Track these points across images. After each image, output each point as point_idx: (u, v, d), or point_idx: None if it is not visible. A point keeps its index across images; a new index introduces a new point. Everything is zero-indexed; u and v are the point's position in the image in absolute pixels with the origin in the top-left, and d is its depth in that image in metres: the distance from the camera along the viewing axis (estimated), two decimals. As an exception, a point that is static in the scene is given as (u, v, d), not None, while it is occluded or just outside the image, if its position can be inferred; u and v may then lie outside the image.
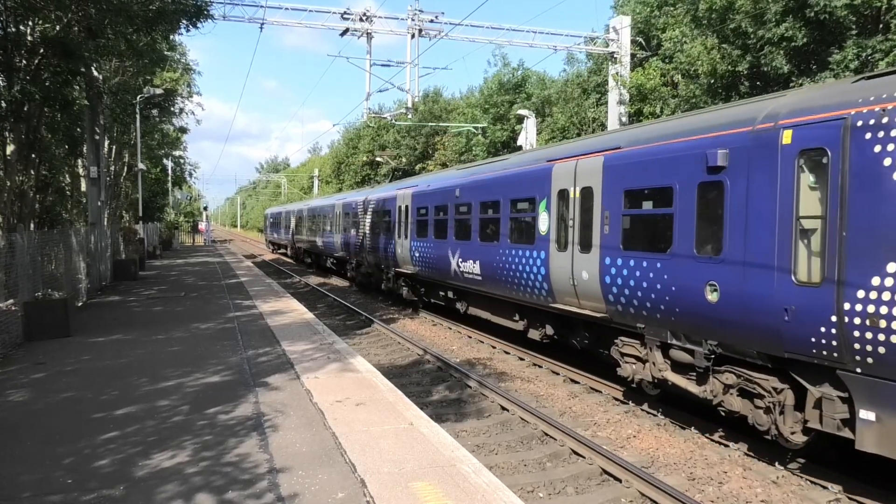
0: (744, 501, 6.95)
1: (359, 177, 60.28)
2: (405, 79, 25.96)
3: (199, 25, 16.43)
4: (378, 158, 53.96)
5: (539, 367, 12.91)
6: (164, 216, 54.51)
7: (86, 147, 21.73)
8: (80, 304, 16.16)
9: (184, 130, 44.83)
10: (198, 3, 15.96)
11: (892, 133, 6.08)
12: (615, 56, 26.31)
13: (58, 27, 15.69)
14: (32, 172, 17.87)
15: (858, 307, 6.22)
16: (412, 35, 24.67)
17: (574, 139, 14.77)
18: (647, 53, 27.14)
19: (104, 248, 21.43)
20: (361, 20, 24.24)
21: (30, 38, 15.74)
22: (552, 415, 9.78)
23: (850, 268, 6.31)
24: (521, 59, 69.47)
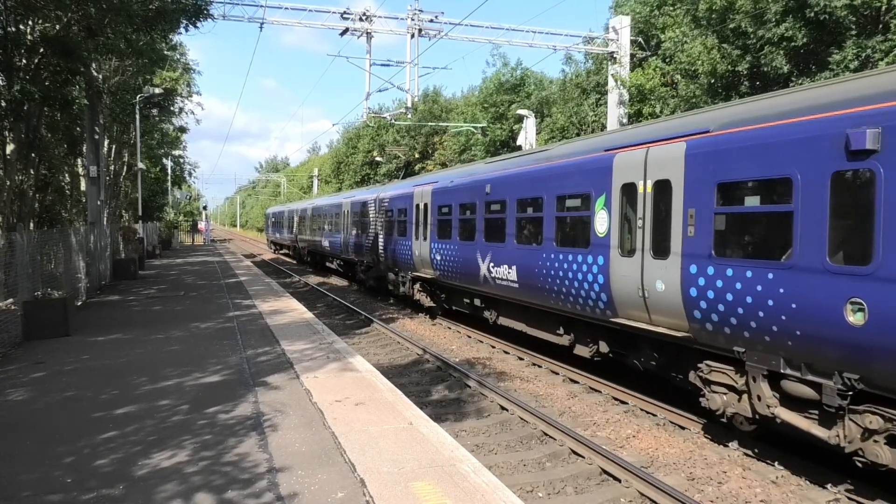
0: (743, 501, 6.96)
1: (358, 176, 60.31)
2: (405, 78, 25.99)
3: (199, 25, 16.43)
4: (378, 158, 53.98)
5: (538, 367, 12.91)
6: (164, 215, 54.45)
7: (85, 146, 21.71)
8: (80, 304, 16.15)
9: (183, 130, 44.79)
10: (197, 3, 15.96)
11: None
12: (615, 56, 26.32)
13: (57, 26, 15.69)
14: (32, 172, 17.87)
15: None
16: (412, 35, 24.69)
17: (639, 124, 12.42)
18: (647, 53, 27.15)
19: (104, 248, 21.42)
20: (361, 20, 24.26)
21: (29, 38, 15.75)
22: (552, 414, 9.78)
23: None
24: (520, 59, 69.53)
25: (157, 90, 29.14)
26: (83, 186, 25.23)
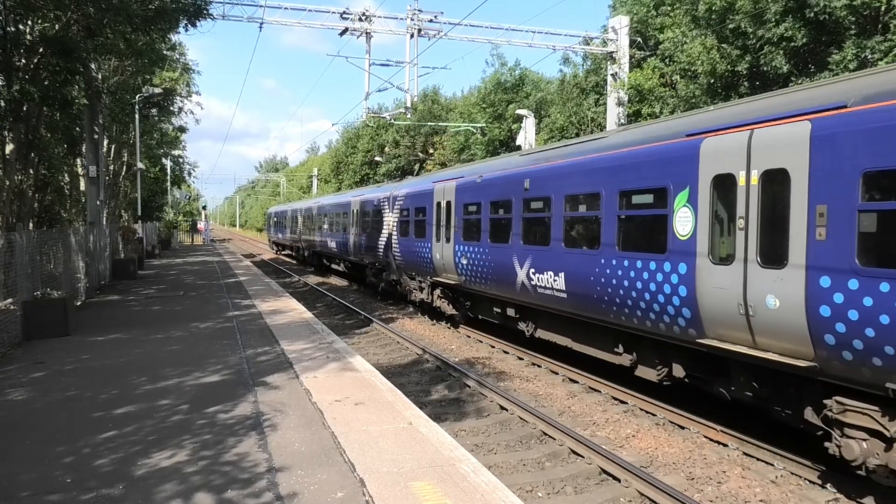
0: (742, 501, 6.96)
1: (357, 176, 60.36)
2: (404, 78, 25.99)
3: (198, 24, 16.41)
4: (378, 159, 53.99)
5: (538, 367, 12.91)
6: (163, 215, 54.41)
7: (85, 146, 21.69)
8: (79, 304, 16.14)
9: (183, 130, 44.77)
10: (197, 3, 15.94)
11: None
12: (613, 56, 26.33)
13: (57, 26, 15.68)
14: (31, 172, 17.86)
15: None
16: (411, 35, 24.69)
17: (732, 102, 10.28)
18: (646, 53, 27.16)
19: (103, 248, 21.42)
20: (360, 20, 24.26)
21: (29, 38, 15.73)
22: (551, 414, 9.78)
23: None
24: (518, 59, 69.58)
25: (157, 90, 29.13)
26: (82, 186, 25.21)
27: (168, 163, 49.10)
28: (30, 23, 15.88)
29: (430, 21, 24.70)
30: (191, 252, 46.21)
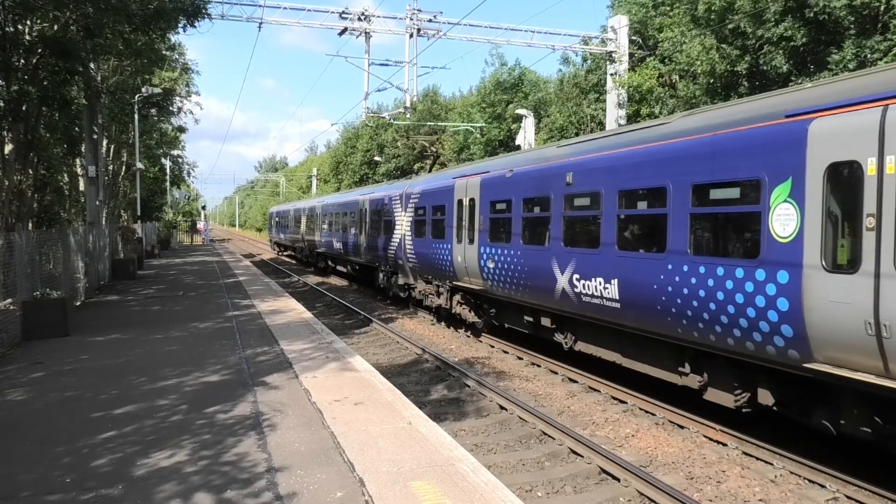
0: (742, 500, 6.97)
1: (357, 176, 60.42)
2: (403, 78, 26.01)
3: (197, 25, 16.43)
4: (377, 159, 54.00)
5: (537, 367, 12.92)
6: (163, 215, 54.40)
7: (84, 146, 21.69)
8: (79, 304, 16.14)
9: (182, 129, 44.73)
10: (196, 3, 15.96)
11: None
12: (613, 56, 26.34)
13: (56, 26, 15.67)
14: (31, 172, 17.85)
15: None
16: (410, 34, 24.71)
17: (844, 76, 8.64)
18: (645, 53, 27.18)
19: (102, 248, 21.42)
20: (360, 19, 24.29)
21: (28, 38, 15.73)
22: (551, 414, 9.78)
23: None
24: (518, 59, 69.64)
25: (156, 90, 29.13)
26: (82, 186, 25.21)
27: (167, 163, 49.09)
28: (28, 23, 15.87)
29: (430, 21, 24.72)
30: (190, 252, 46.20)
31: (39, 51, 15.40)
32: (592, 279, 10.25)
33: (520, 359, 13.62)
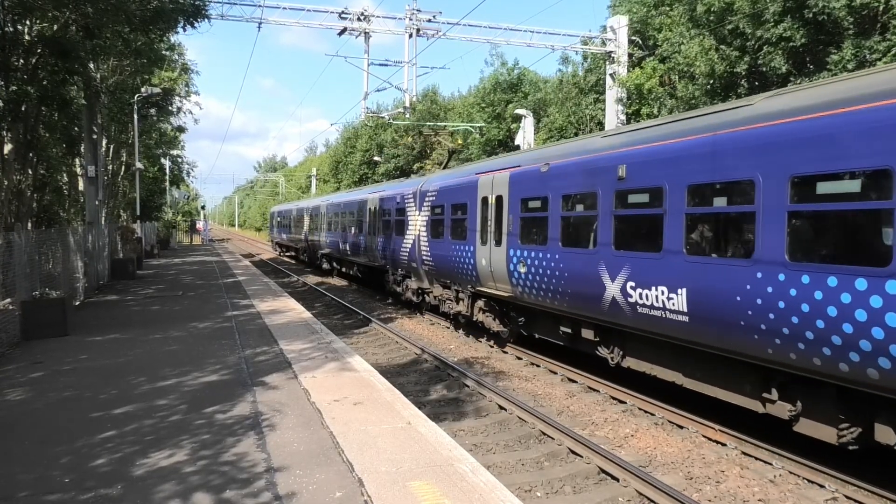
0: (741, 500, 6.97)
1: (356, 176, 60.42)
2: (403, 78, 26.03)
3: (197, 25, 16.42)
4: (377, 159, 53.97)
5: (537, 367, 12.92)
6: (162, 215, 54.37)
7: (83, 146, 21.70)
8: (78, 304, 16.14)
9: (181, 129, 44.71)
10: (195, 3, 15.95)
11: None
12: (612, 56, 26.35)
13: (55, 26, 15.67)
14: (30, 172, 17.84)
15: None
16: (410, 34, 24.72)
17: None
18: (645, 53, 27.19)
19: (102, 247, 21.41)
20: (359, 19, 24.30)
21: (27, 38, 15.73)
22: (550, 414, 9.79)
23: None
24: (517, 59, 69.65)
25: (156, 90, 29.12)
26: (81, 186, 25.19)
27: (167, 162, 49.07)
28: (28, 23, 15.87)
29: (429, 21, 24.73)
30: (189, 252, 46.19)
31: (39, 51, 15.39)
32: (652, 288, 8.90)
33: (519, 359, 13.62)
